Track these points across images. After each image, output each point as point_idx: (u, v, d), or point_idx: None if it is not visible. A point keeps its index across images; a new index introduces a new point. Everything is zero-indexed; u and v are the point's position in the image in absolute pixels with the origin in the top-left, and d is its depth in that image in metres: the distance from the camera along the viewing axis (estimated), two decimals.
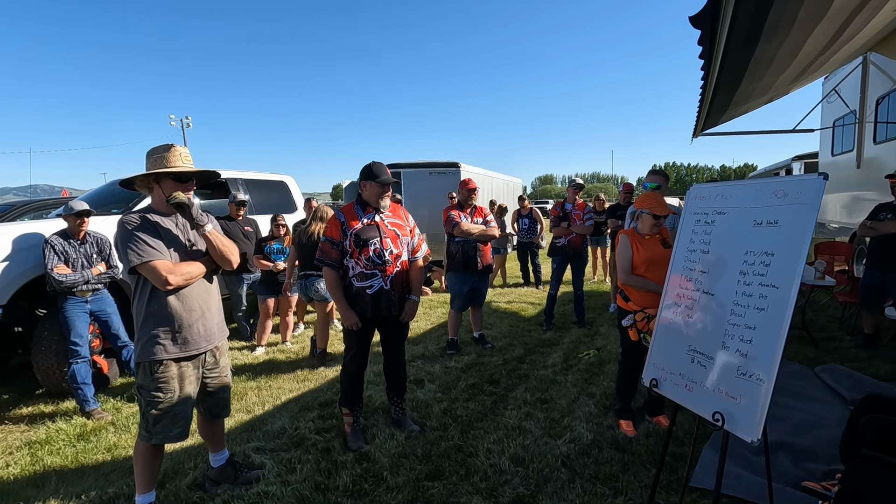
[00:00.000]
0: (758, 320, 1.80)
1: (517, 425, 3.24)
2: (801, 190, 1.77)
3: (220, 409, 2.57)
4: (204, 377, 2.43)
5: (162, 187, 2.30)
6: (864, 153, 6.79)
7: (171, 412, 2.26)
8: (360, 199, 3.06)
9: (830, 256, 6.34)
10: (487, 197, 11.36)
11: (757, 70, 4.87)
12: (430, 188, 9.89)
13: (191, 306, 2.29)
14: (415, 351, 4.92)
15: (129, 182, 2.37)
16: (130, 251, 2.14)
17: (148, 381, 2.24)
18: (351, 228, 2.94)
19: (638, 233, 3.07)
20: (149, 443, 2.29)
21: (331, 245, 2.96)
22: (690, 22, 2.83)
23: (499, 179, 13.35)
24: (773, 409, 3.36)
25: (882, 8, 4.28)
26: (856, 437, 2.26)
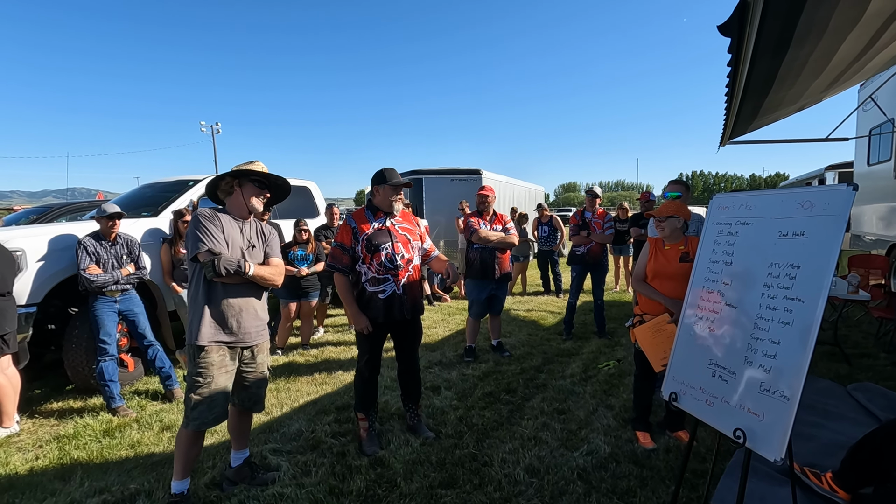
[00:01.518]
0: (783, 335, 1.74)
1: (533, 435, 3.20)
2: (829, 201, 1.71)
3: (252, 402, 2.69)
4: (241, 371, 2.58)
5: (242, 191, 2.54)
6: None
7: (209, 398, 2.41)
8: (370, 205, 3.09)
9: (865, 270, 6.09)
10: (509, 204, 11.33)
11: (787, 77, 4.74)
12: (451, 195, 9.90)
13: (242, 304, 2.49)
14: (432, 357, 4.92)
15: (214, 185, 2.59)
16: (197, 240, 2.35)
17: (192, 364, 2.43)
18: (363, 233, 2.96)
19: (661, 241, 3.06)
20: (186, 428, 2.42)
21: (342, 250, 2.99)
22: (719, 30, 2.78)
23: (520, 187, 13.30)
24: (802, 427, 3.26)
25: None
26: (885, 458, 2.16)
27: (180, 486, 2.47)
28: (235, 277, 2.42)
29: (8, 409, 3.42)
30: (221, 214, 2.49)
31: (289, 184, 2.70)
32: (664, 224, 2.98)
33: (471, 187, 9.82)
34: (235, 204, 2.56)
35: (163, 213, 4.99)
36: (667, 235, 3.00)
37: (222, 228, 2.44)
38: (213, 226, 2.41)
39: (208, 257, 2.34)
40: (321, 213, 6.99)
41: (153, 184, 6.13)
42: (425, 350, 5.22)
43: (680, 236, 3.01)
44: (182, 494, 2.47)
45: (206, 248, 2.34)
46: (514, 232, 4.83)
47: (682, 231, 3.01)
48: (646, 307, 3.04)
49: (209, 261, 2.33)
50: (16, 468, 2.98)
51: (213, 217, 2.44)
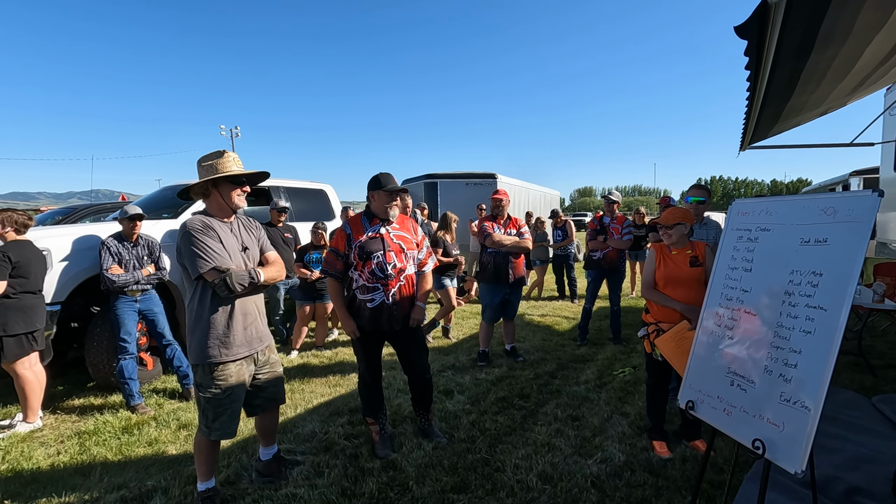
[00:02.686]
0: (804, 344, 1.70)
1: (546, 442, 3.17)
2: (852, 207, 1.67)
3: (274, 399, 2.70)
4: (256, 374, 2.57)
5: (220, 192, 2.40)
6: None
7: (230, 409, 2.40)
8: (367, 211, 3.03)
9: (892, 278, 5.91)
10: (524, 208, 11.29)
11: (810, 81, 4.65)
12: (466, 199, 9.91)
13: (246, 310, 2.43)
14: (445, 361, 4.91)
15: (186, 191, 2.48)
16: (198, 258, 2.23)
17: (207, 381, 2.36)
18: (356, 240, 2.91)
19: (667, 247, 3.01)
20: (208, 438, 2.41)
21: (335, 256, 2.95)
22: (736, 32, 2.74)
23: (536, 191, 13.24)
24: (824, 439, 3.17)
25: None
26: None
27: (206, 485, 2.51)
28: (249, 288, 2.37)
29: (33, 405, 3.51)
30: (212, 221, 2.36)
31: (265, 172, 2.54)
32: (671, 231, 2.94)
33: (486, 191, 9.82)
34: (216, 206, 2.43)
35: (182, 214, 5.09)
36: (674, 242, 2.96)
37: (219, 237, 2.32)
38: (209, 238, 2.28)
39: (217, 276, 2.23)
40: (337, 215, 7.06)
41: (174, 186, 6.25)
42: (438, 354, 5.22)
43: (686, 241, 2.98)
44: (212, 489, 2.51)
45: (212, 267, 2.23)
46: (528, 236, 4.81)
47: (688, 236, 2.99)
48: (659, 315, 2.98)
49: (220, 280, 2.23)
50: (38, 462, 3.05)
51: (206, 228, 2.30)
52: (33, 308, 3.45)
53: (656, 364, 3.04)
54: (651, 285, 3.01)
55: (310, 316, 5.45)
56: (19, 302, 3.38)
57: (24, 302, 3.40)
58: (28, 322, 3.41)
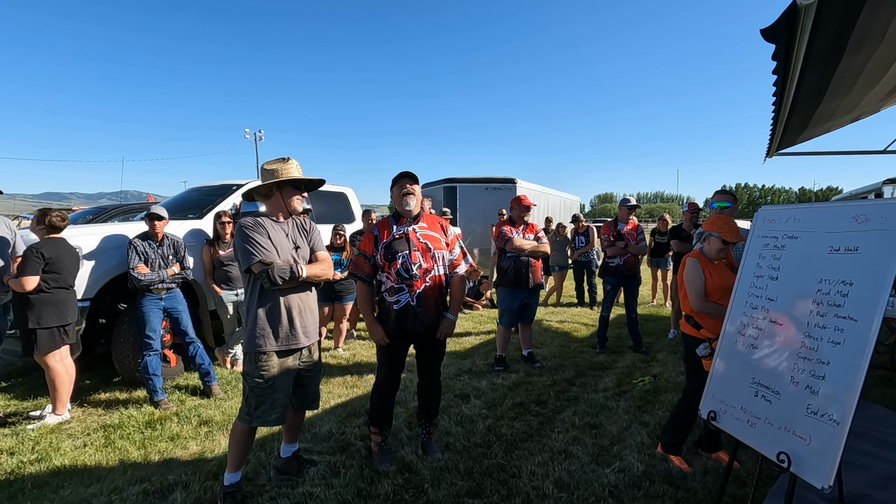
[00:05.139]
0: (833, 355, 1.65)
1: (563, 449, 3.13)
2: (885, 215, 1.61)
3: (310, 400, 2.78)
4: (300, 369, 2.65)
5: (282, 194, 2.59)
6: None
7: (271, 398, 2.49)
8: (394, 213, 3.05)
9: None
10: (543, 214, 11.22)
11: (841, 86, 4.53)
12: (485, 203, 9.91)
13: (292, 305, 2.53)
14: (462, 366, 4.91)
15: (250, 193, 2.67)
16: (247, 252, 2.40)
17: (252, 369, 2.49)
18: (382, 241, 2.90)
19: (705, 256, 2.90)
20: (248, 425, 2.51)
21: (364, 259, 2.92)
22: (762, 35, 2.68)
23: (555, 196, 13.16)
24: (853, 456, 3.06)
25: None
26: None
27: (233, 478, 2.57)
28: (291, 282, 2.47)
29: (62, 397, 3.62)
30: (264, 220, 2.53)
31: (322, 180, 2.75)
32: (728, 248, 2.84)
33: (505, 196, 9.80)
34: (275, 206, 2.60)
35: (207, 215, 5.21)
36: (725, 253, 2.86)
37: (268, 234, 2.48)
38: (259, 234, 2.44)
39: (261, 268, 2.39)
40: (357, 218, 7.13)
41: (199, 187, 6.40)
42: (455, 358, 5.21)
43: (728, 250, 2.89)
44: (237, 485, 2.57)
45: (258, 260, 2.38)
46: (545, 241, 4.78)
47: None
48: (717, 328, 2.68)
49: (263, 272, 2.38)
50: (65, 453, 3.14)
51: (257, 225, 2.47)
52: (65, 303, 3.57)
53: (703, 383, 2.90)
54: (703, 297, 2.81)
55: (328, 317, 5.51)
56: (52, 297, 3.50)
57: (57, 297, 3.52)
58: (60, 316, 3.53)
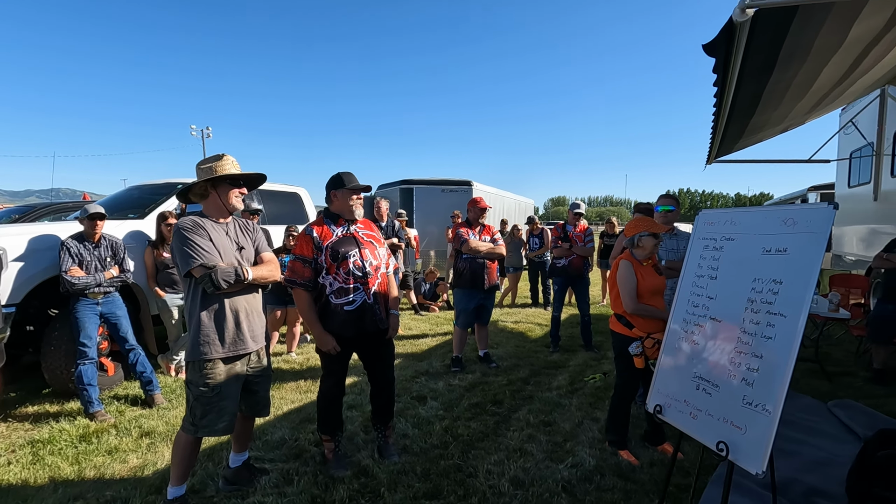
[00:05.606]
0: (765, 349, 1.77)
1: (519, 447, 3.19)
2: (811, 219, 1.75)
3: (260, 407, 2.67)
4: (248, 375, 2.54)
5: (218, 193, 2.45)
6: (881, 186, 6.71)
7: (218, 407, 2.37)
8: (328, 213, 2.91)
9: (846, 289, 6.22)
10: (499, 216, 11.39)
11: (772, 99, 4.88)
12: (442, 205, 9.96)
13: (238, 308, 2.43)
14: (419, 367, 4.90)
15: (185, 192, 2.50)
16: (186, 255, 2.27)
17: (197, 377, 2.36)
18: (326, 242, 2.77)
19: (636, 259, 3.03)
20: (193, 436, 2.39)
21: (303, 263, 2.76)
22: (704, 50, 2.85)
23: (510, 199, 13.40)
24: (784, 443, 3.29)
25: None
26: (868, 475, 2.19)
27: (177, 492, 2.44)
28: (236, 285, 2.37)
29: None
30: (204, 220, 2.40)
31: (262, 175, 2.60)
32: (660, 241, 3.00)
33: (462, 198, 9.89)
34: (213, 206, 2.47)
35: (149, 215, 4.94)
36: (648, 253, 3.01)
37: (209, 236, 2.35)
38: (199, 236, 2.31)
39: (204, 272, 2.27)
40: (311, 219, 6.97)
41: (140, 186, 6.07)
42: (412, 360, 5.20)
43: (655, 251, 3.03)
44: (181, 498, 2.44)
45: (199, 263, 2.26)
46: (501, 243, 4.86)
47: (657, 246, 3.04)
48: (648, 327, 2.92)
49: (205, 275, 2.26)
50: None
51: (197, 227, 2.34)
52: None
53: (638, 378, 3.07)
54: (637, 299, 2.94)
55: (280, 320, 5.35)
56: None
57: None
58: None
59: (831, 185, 10.42)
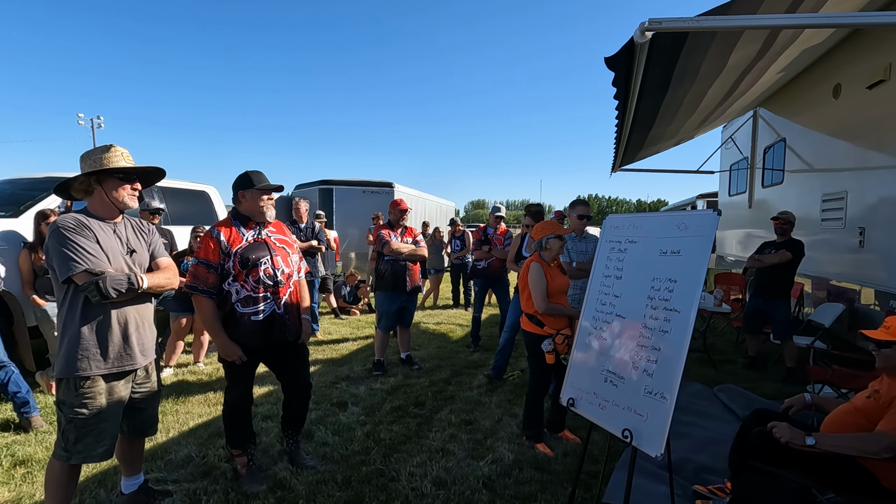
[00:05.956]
0: (662, 342, 1.94)
1: (441, 447, 3.22)
2: (699, 223, 1.96)
3: (148, 425, 2.43)
4: (133, 392, 2.28)
5: (104, 188, 2.15)
6: (754, 195, 7.66)
7: (97, 429, 2.10)
8: (238, 215, 2.71)
9: (727, 286, 7.01)
10: (420, 218, 11.46)
11: (667, 114, 5.39)
12: (362, 206, 9.81)
13: (128, 319, 2.17)
14: (339, 373, 4.78)
15: (65, 186, 2.19)
16: (68, 259, 1.98)
17: (71, 397, 2.07)
18: (235, 247, 2.58)
19: (544, 260, 3.19)
20: (67, 463, 2.10)
21: (207, 269, 2.54)
22: (606, 63, 3.07)
23: (432, 201, 13.53)
24: (678, 427, 3.62)
25: (767, 70, 4.92)
26: (744, 450, 2.48)
27: None
28: (128, 294, 2.10)
29: None
30: (90, 220, 2.12)
31: (159, 169, 2.35)
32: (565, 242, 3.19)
33: (383, 199, 9.81)
34: (99, 204, 2.18)
35: (25, 213, 4.35)
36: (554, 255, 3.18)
37: (95, 238, 2.08)
38: (83, 237, 2.03)
39: (88, 279, 1.98)
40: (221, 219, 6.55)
41: (14, 180, 5.33)
42: (332, 365, 5.06)
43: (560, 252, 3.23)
44: None
45: (83, 269, 1.98)
46: (423, 244, 4.89)
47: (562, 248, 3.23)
48: (557, 325, 3.12)
49: (91, 283, 1.98)
50: None
51: (80, 226, 2.05)
52: None
53: (550, 374, 3.24)
54: (547, 299, 3.09)
55: (186, 329, 4.96)
56: None
57: None
58: None
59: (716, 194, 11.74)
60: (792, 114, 6.27)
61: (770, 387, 4.50)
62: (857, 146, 4.73)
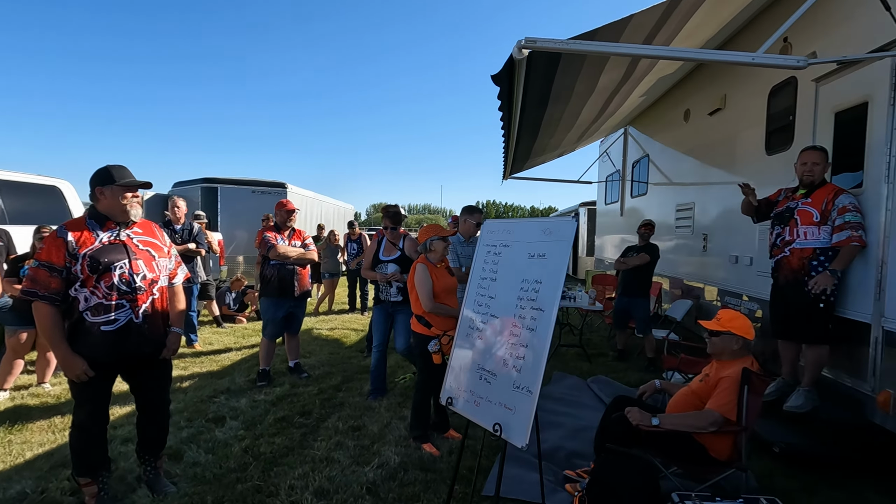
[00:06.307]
0: (529, 339, 2.08)
1: (325, 456, 3.12)
2: (561, 229, 2.13)
3: None
4: None
5: None
6: (625, 204, 8.53)
7: None
8: (95, 213, 2.45)
9: (603, 286, 7.71)
10: (316, 221, 11.07)
11: (549, 127, 5.81)
12: (252, 207, 9.21)
13: None
14: (218, 386, 4.43)
15: None
16: None
17: None
18: (84, 249, 2.32)
19: (430, 262, 3.28)
20: None
21: (49, 272, 2.26)
22: (492, 79, 3.23)
23: (329, 204, 13.15)
24: (554, 417, 3.90)
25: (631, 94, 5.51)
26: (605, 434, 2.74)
27: None
28: None
29: None
30: None
31: None
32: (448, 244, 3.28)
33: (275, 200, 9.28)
34: None
35: None
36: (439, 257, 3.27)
37: None
38: None
39: None
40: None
41: None
42: (210, 378, 4.68)
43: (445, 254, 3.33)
44: None
45: None
46: (313, 248, 4.73)
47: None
48: (444, 325, 3.16)
49: None
50: None
51: None
52: None
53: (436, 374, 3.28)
54: (433, 299, 3.14)
55: (27, 345, 4.27)
56: None
57: None
58: None
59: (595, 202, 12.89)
60: (654, 133, 7.09)
61: (634, 376, 5.03)
62: (701, 164, 5.48)
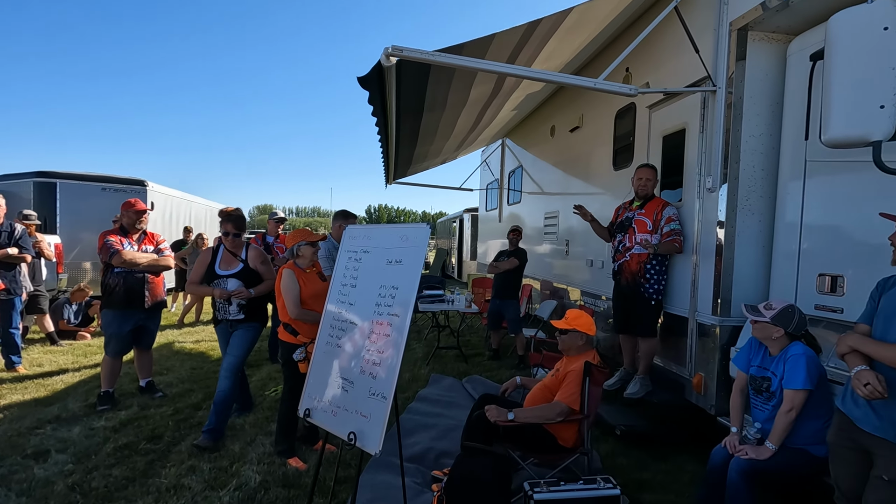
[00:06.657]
0: (385, 345, 2.09)
1: (175, 484, 2.83)
2: (416, 235, 2.18)
3: None
4: None
5: None
6: (503, 211, 9.03)
7: None
8: None
9: (483, 289, 8.07)
10: (184, 223, 10.09)
11: (427, 136, 5.94)
12: (101, 208, 8.10)
13: None
14: (44, 414, 3.80)
15: None
16: None
17: None
18: None
19: (299, 267, 3.15)
20: None
21: None
22: (359, 82, 3.20)
23: (199, 204, 12.04)
24: (428, 419, 3.97)
25: (503, 107, 5.86)
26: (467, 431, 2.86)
27: None
28: None
29: None
30: None
31: None
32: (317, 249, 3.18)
33: None
34: None
35: None
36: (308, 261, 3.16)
37: None
38: None
39: None
40: None
41: None
42: (34, 406, 4.00)
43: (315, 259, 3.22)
44: None
45: None
46: (168, 253, 4.28)
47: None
48: (312, 333, 2.95)
49: None
50: None
51: None
52: None
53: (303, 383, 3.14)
54: (300, 305, 3.00)
55: None
56: None
57: None
58: None
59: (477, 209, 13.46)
60: (527, 145, 7.60)
61: (506, 373, 5.31)
62: (564, 175, 6.00)
